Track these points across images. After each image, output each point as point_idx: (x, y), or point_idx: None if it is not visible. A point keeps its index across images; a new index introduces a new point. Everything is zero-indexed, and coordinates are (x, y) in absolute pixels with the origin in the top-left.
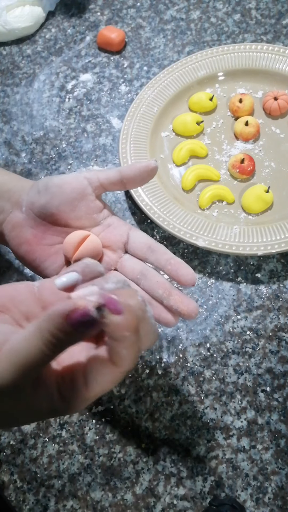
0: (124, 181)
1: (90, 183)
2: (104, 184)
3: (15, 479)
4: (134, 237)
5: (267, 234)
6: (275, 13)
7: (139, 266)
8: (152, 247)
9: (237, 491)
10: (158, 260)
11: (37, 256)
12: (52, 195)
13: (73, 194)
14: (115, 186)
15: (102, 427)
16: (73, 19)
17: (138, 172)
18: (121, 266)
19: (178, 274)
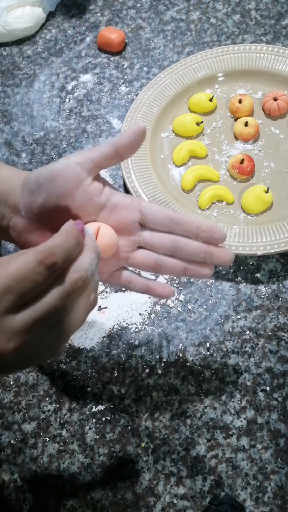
0: (121, 152)
1: (83, 168)
2: (99, 162)
3: (15, 478)
4: (149, 212)
5: (266, 234)
6: (275, 13)
7: (168, 239)
8: (174, 219)
9: (236, 490)
10: (188, 231)
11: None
12: (47, 192)
13: (68, 185)
14: (111, 160)
15: (102, 427)
16: (73, 20)
17: (133, 137)
18: (148, 244)
19: (215, 238)
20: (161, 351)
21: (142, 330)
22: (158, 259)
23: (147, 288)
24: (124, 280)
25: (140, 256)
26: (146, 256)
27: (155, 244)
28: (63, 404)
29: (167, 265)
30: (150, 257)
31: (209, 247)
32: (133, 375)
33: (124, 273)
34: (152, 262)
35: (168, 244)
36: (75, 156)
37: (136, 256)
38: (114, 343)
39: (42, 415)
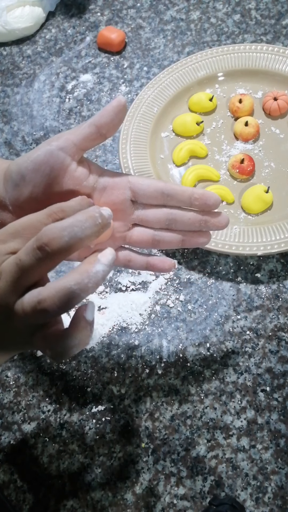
0: (103, 131)
1: (67, 153)
2: (81, 145)
3: (15, 478)
4: (139, 188)
5: (266, 234)
6: (275, 13)
7: (162, 213)
8: (165, 191)
9: (237, 490)
10: (181, 202)
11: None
12: (33, 183)
13: (53, 173)
14: (94, 141)
15: (102, 427)
16: (73, 20)
17: (114, 113)
18: (143, 220)
19: (208, 205)
20: (161, 351)
21: (142, 330)
22: (155, 234)
23: (147, 264)
24: (124, 259)
25: (136, 234)
26: (143, 233)
27: (150, 219)
28: (63, 404)
29: (164, 239)
30: (147, 233)
31: (204, 216)
32: (133, 375)
33: (122, 252)
34: (149, 238)
35: (163, 218)
36: (55, 141)
37: (133, 234)
38: (114, 343)
39: (42, 415)
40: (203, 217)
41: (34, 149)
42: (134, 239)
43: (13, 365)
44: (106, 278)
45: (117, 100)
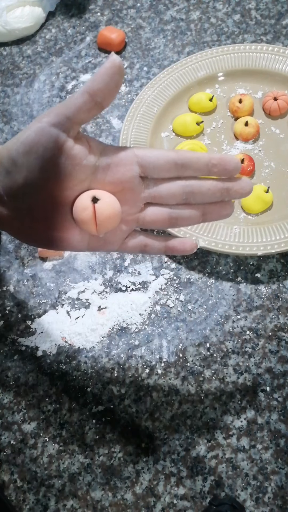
0: (98, 99)
1: (60, 129)
2: (76, 118)
3: (15, 478)
4: (149, 162)
5: (266, 234)
6: (275, 13)
7: (177, 186)
8: (178, 161)
9: (237, 490)
10: (197, 171)
11: (55, 238)
12: (26, 167)
13: (48, 154)
14: (90, 112)
15: (102, 427)
16: (73, 20)
17: (108, 77)
18: (156, 197)
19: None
20: (161, 351)
21: (142, 330)
22: (171, 212)
23: (166, 247)
24: (139, 245)
25: (150, 214)
26: (157, 212)
27: (164, 195)
28: (63, 404)
29: (182, 216)
30: (162, 212)
31: (225, 183)
32: (133, 375)
33: (138, 238)
34: (165, 218)
35: (179, 192)
36: (46, 117)
37: (146, 215)
38: (114, 343)
39: (42, 415)
40: (224, 184)
41: (24, 129)
42: (148, 220)
43: (13, 365)
44: (106, 278)
45: (111, 60)
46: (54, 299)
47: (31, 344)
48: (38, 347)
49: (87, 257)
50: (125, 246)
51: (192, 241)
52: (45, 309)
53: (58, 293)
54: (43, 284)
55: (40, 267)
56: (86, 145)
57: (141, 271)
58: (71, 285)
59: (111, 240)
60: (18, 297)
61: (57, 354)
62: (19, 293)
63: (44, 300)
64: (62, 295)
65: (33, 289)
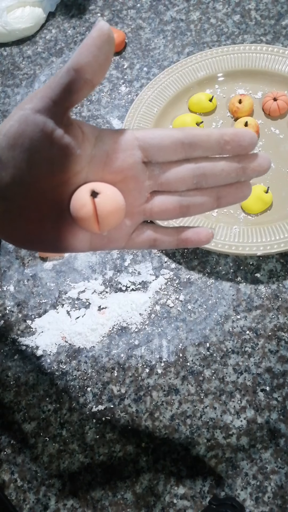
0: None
1: (46, 115)
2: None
3: (15, 478)
4: (152, 145)
5: (266, 234)
6: (275, 14)
7: (186, 170)
8: (185, 141)
9: (236, 490)
10: (208, 151)
11: (54, 241)
12: (12, 164)
13: (35, 146)
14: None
15: (102, 427)
16: (73, 20)
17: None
18: (163, 184)
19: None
20: (161, 351)
21: (142, 330)
22: (181, 200)
23: (178, 241)
24: (148, 240)
25: (158, 204)
26: (166, 201)
27: (172, 181)
28: (63, 404)
29: (194, 203)
30: (171, 200)
31: (241, 162)
32: (133, 375)
33: (146, 232)
34: (175, 206)
35: (189, 176)
36: (29, 102)
37: (153, 205)
38: (114, 343)
39: (42, 415)
40: (239, 163)
41: (6, 118)
42: (156, 211)
43: (13, 364)
44: (106, 278)
45: (98, 28)
46: (54, 299)
47: (32, 344)
48: (38, 347)
49: (87, 257)
50: (132, 242)
51: (207, 230)
52: (45, 309)
53: (58, 293)
54: (43, 284)
55: (40, 267)
56: (78, 132)
57: (141, 271)
58: (71, 285)
59: (116, 238)
60: (18, 297)
61: (57, 353)
62: (19, 293)
63: (44, 300)
64: (62, 295)
65: (33, 289)
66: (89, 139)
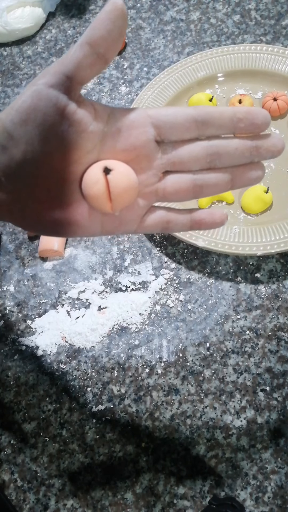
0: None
1: (59, 89)
2: (76, 75)
3: (15, 478)
4: (165, 122)
5: (266, 234)
6: (275, 14)
7: (199, 147)
8: (198, 118)
9: (236, 490)
10: (221, 128)
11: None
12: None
13: (48, 121)
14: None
15: (102, 427)
16: (73, 20)
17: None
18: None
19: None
20: (161, 351)
21: (142, 330)
22: (195, 178)
23: (192, 221)
24: (161, 222)
25: (171, 183)
26: (180, 180)
27: (185, 159)
28: (63, 404)
29: (208, 182)
30: (184, 179)
31: (254, 141)
32: (133, 375)
33: (158, 213)
34: (188, 185)
35: (202, 154)
36: (42, 78)
37: (166, 184)
38: (114, 343)
39: (42, 415)
40: (253, 142)
41: (19, 95)
42: (170, 191)
43: (13, 364)
44: (106, 278)
45: (111, 3)
46: (54, 299)
47: (32, 344)
48: (38, 347)
49: (87, 257)
50: (145, 225)
51: (221, 211)
52: (45, 309)
53: (58, 293)
54: (43, 284)
55: (40, 267)
56: (91, 109)
57: (141, 271)
58: (71, 285)
59: (128, 219)
60: (18, 297)
61: (57, 353)
62: (19, 293)
63: (44, 300)
64: (62, 295)
65: (33, 289)
66: (102, 116)
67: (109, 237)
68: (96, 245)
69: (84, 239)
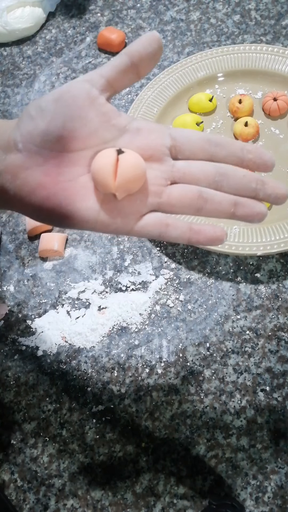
0: (135, 61)
1: (93, 85)
2: (112, 78)
3: (15, 478)
4: (182, 136)
5: (266, 234)
6: (275, 14)
7: (210, 166)
8: (212, 140)
9: (236, 490)
10: (232, 153)
11: (61, 200)
12: (52, 114)
13: (77, 103)
14: (126, 75)
15: (102, 427)
16: (73, 20)
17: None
18: (185, 175)
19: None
20: (161, 351)
21: (142, 330)
22: (202, 190)
23: (191, 231)
24: (160, 224)
25: (177, 191)
26: (186, 190)
27: (195, 173)
28: (63, 404)
29: (213, 199)
30: (191, 190)
31: (260, 176)
32: (133, 375)
33: (157, 214)
34: (194, 196)
35: (211, 172)
36: (83, 76)
37: (172, 191)
38: (114, 343)
39: (42, 415)
40: (260, 177)
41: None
42: (175, 196)
43: (13, 364)
44: (106, 278)
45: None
46: (54, 299)
47: (32, 344)
48: (38, 347)
49: (87, 257)
50: (142, 223)
51: (221, 229)
52: (45, 309)
53: (58, 293)
54: (43, 284)
55: (40, 267)
56: (116, 109)
57: (141, 271)
58: (71, 285)
59: (127, 211)
60: (18, 297)
61: (57, 354)
62: (19, 293)
63: (44, 300)
64: (62, 295)
65: (33, 289)
66: (125, 117)
67: (109, 237)
68: (96, 245)
69: (84, 239)
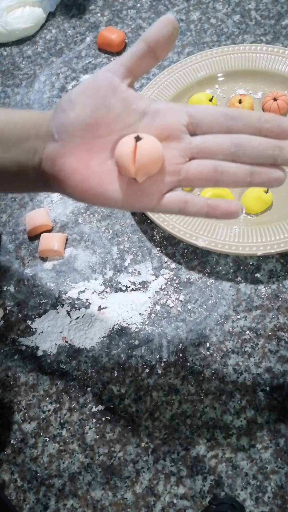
0: (152, 45)
1: (114, 73)
2: (131, 66)
3: (15, 478)
4: (198, 112)
5: (266, 234)
6: (275, 14)
7: (226, 138)
8: (229, 114)
9: (236, 490)
10: (249, 125)
11: (92, 183)
12: (80, 105)
13: (100, 92)
14: (145, 60)
15: (102, 426)
16: (73, 20)
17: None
18: (202, 150)
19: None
20: (161, 351)
21: (142, 330)
22: (217, 164)
23: (209, 207)
24: (179, 201)
25: (194, 167)
26: (202, 165)
27: (211, 146)
28: (63, 404)
29: (229, 170)
30: (207, 163)
31: (278, 141)
32: (133, 375)
33: (177, 192)
34: (210, 171)
35: (227, 144)
36: (105, 66)
37: (190, 168)
38: (114, 343)
39: (42, 415)
40: (277, 142)
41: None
42: (192, 173)
43: (13, 364)
44: (106, 278)
45: (164, 16)
46: (54, 299)
47: (32, 344)
48: (39, 347)
49: (87, 257)
50: (164, 201)
51: (237, 204)
52: (46, 309)
53: (58, 293)
54: (43, 284)
55: (40, 267)
56: (138, 94)
57: (141, 271)
58: (71, 285)
59: (150, 191)
60: (18, 297)
61: (57, 354)
62: (19, 293)
63: (44, 300)
64: (62, 295)
65: (33, 289)
66: (145, 100)
67: (109, 237)
68: (96, 245)
69: (84, 239)
